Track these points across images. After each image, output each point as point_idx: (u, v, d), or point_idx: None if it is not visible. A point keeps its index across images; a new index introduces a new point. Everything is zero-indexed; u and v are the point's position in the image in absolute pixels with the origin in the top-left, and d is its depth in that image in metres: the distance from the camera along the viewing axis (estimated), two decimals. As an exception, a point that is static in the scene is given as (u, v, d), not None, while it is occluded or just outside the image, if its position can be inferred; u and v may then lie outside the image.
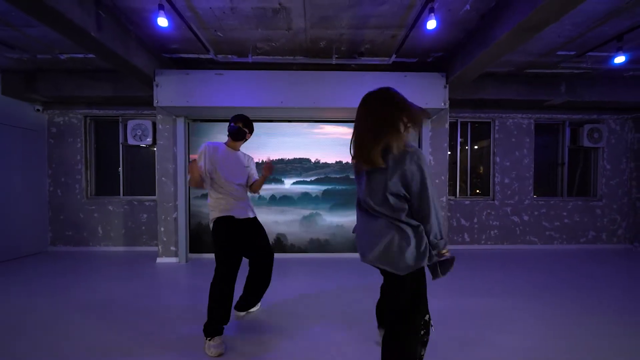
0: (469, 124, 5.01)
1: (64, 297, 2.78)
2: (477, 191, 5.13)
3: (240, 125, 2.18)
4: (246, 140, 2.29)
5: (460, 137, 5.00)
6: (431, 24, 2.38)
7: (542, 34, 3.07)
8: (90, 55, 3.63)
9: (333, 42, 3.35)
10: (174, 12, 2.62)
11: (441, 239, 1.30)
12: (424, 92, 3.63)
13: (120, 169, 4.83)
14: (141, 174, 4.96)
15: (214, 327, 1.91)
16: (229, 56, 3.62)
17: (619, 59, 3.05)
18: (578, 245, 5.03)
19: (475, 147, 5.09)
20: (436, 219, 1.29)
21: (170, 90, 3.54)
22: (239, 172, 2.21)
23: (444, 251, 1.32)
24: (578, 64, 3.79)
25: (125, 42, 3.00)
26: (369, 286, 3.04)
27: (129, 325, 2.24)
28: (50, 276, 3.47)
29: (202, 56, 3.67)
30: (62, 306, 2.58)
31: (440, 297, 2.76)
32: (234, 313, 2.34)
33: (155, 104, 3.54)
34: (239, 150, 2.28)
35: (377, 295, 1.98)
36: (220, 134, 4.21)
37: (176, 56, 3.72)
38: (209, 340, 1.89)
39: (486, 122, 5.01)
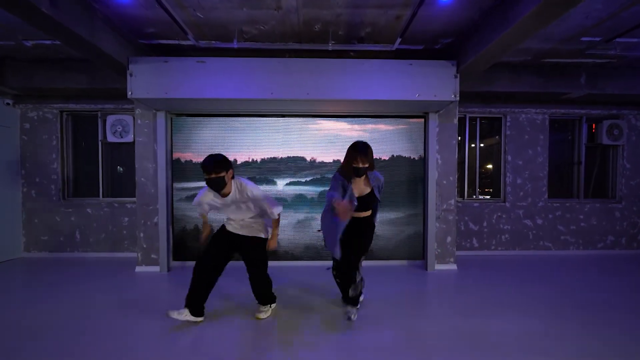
0: (478, 119, 4.62)
1: (34, 310, 2.40)
2: (487, 190, 4.75)
3: (213, 175, 2.01)
4: (231, 178, 2.13)
5: (469, 134, 4.61)
6: (445, -5, 1.99)
7: (568, 14, 2.67)
8: (59, 42, 3.23)
9: (329, 24, 2.96)
10: (141, -15, 2.23)
11: None
12: (432, 82, 3.24)
13: (100, 168, 4.45)
14: (123, 173, 4.58)
15: (187, 296, 2.23)
16: (212, 42, 3.23)
17: (659, 42, 2.66)
18: (595, 251, 4.65)
19: (482, 145, 4.70)
20: None
21: (146, 80, 3.15)
22: (244, 209, 2.22)
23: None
24: (605, 52, 3.39)
25: (90, 23, 2.61)
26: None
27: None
28: (18, 287, 3.10)
29: (182, 42, 3.29)
30: (31, 321, 2.20)
31: (440, 317, 2.40)
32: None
33: (129, 96, 3.14)
34: (230, 191, 2.14)
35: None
36: (207, 130, 3.82)
37: (155, 42, 3.33)
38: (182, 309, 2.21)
39: (496, 117, 4.61)
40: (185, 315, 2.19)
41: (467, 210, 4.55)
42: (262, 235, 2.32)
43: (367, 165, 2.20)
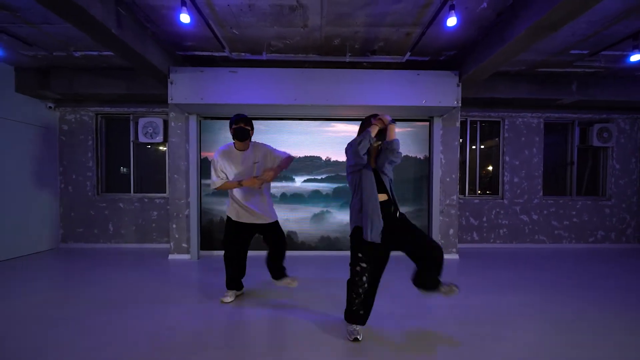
0: (478, 122, 5.01)
1: (79, 293, 2.80)
2: (487, 192, 5.14)
3: (242, 125, 2.36)
4: (250, 137, 2.46)
5: (470, 136, 5.01)
6: (451, 21, 2.39)
7: (556, 32, 3.07)
8: (105, 53, 3.65)
9: (347, 39, 3.36)
10: (194, 9, 2.64)
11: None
12: (437, 90, 3.64)
13: (131, 166, 4.85)
14: (151, 171, 4.98)
15: (227, 283, 2.57)
16: (243, 54, 3.64)
17: (635, 57, 3.05)
18: (587, 245, 5.03)
19: (482, 146, 5.10)
20: None
21: (184, 87, 3.56)
22: (247, 173, 2.41)
23: None
24: (591, 63, 3.80)
25: (143, 39, 3.02)
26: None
27: (145, 318, 2.26)
28: (64, 272, 3.50)
29: (215, 54, 3.69)
30: (77, 302, 2.60)
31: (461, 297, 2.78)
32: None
33: (169, 101, 3.56)
34: (248, 148, 2.44)
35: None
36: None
37: (190, 54, 3.74)
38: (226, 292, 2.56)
39: (495, 121, 5.01)
40: (231, 295, 2.58)
41: (468, 207, 4.94)
42: (275, 217, 2.54)
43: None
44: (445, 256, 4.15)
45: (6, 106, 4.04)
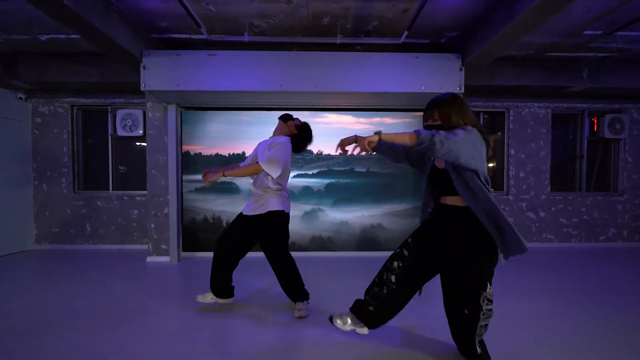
0: (481, 113, 4.69)
1: (45, 300, 2.48)
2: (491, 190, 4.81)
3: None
4: (288, 128, 2.30)
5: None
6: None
7: (570, 8, 2.74)
8: (73, 36, 3.32)
9: (337, 18, 3.03)
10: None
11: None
12: (437, 75, 3.31)
13: (110, 161, 4.53)
14: (132, 166, 4.66)
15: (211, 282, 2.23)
16: (223, 36, 3.30)
17: (659, 34, 2.73)
18: (597, 244, 4.72)
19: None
20: None
21: (159, 73, 3.23)
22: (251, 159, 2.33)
23: None
24: (606, 44, 3.46)
25: (106, 16, 2.69)
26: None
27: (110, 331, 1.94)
28: (32, 277, 3.19)
29: (194, 36, 3.36)
30: (44, 311, 2.28)
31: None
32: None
33: (142, 88, 3.23)
34: (275, 134, 2.32)
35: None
36: (213, 123, 3.90)
37: (166, 36, 3.41)
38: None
39: (500, 111, 4.69)
40: (210, 298, 2.25)
41: (471, 203, 4.62)
42: (273, 208, 2.11)
43: (437, 122, 1.48)
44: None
45: (-32, 96, 3.72)
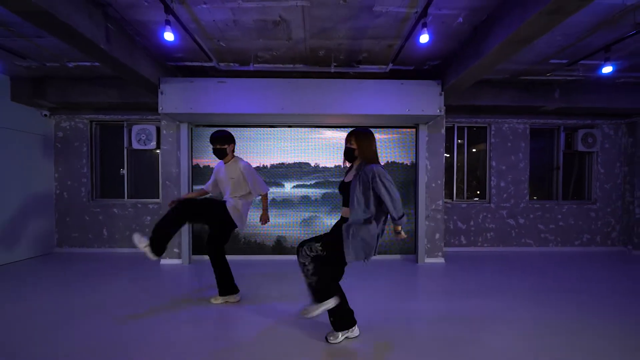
0: (466, 128, 5.12)
1: (71, 298, 2.90)
2: (477, 192, 5.23)
3: (218, 146, 2.55)
4: (232, 151, 2.66)
5: (459, 139, 5.11)
6: (424, 38, 2.50)
7: (533, 43, 3.17)
8: (97, 64, 3.75)
9: (332, 51, 3.47)
10: (179, 25, 2.74)
11: None
12: (421, 99, 3.74)
13: (125, 172, 4.95)
14: (145, 177, 5.08)
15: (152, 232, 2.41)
16: (231, 64, 3.74)
17: (607, 69, 3.16)
18: (573, 248, 5.13)
19: (474, 149, 5.20)
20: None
21: (174, 97, 3.66)
22: (234, 184, 2.62)
23: None
24: (570, 72, 3.90)
25: (132, 52, 3.13)
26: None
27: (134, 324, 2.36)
28: (59, 277, 3.60)
29: (205, 64, 3.80)
30: (70, 307, 2.70)
31: (435, 300, 2.87)
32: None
33: (160, 111, 3.66)
34: (229, 162, 2.64)
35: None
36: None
37: (180, 64, 3.84)
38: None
39: (482, 127, 5.11)
40: (144, 246, 2.35)
41: (456, 211, 5.04)
42: (231, 216, 2.57)
43: (352, 146, 2.06)
44: (431, 260, 4.29)
45: (2, 115, 4.15)
